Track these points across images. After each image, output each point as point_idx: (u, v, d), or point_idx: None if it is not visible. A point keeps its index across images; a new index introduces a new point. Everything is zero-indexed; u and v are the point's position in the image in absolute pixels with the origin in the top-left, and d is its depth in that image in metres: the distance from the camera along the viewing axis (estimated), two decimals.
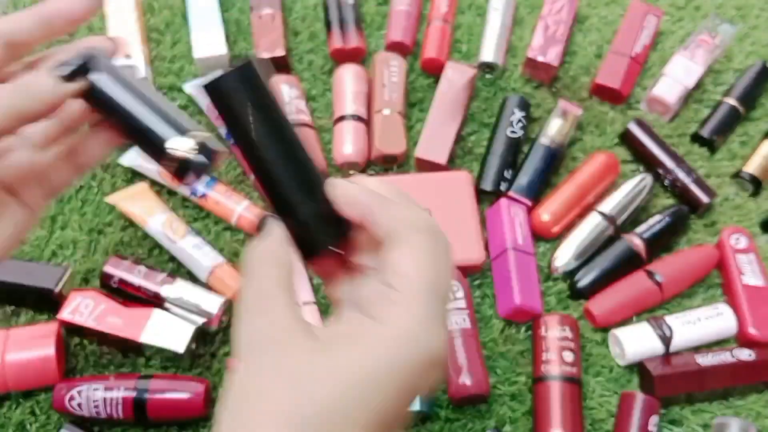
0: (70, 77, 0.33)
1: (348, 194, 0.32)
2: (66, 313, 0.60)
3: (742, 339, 0.64)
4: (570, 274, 0.67)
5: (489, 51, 0.77)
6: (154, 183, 0.70)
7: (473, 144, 0.74)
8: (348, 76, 0.74)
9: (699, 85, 0.78)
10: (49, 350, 0.58)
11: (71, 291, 0.62)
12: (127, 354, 0.62)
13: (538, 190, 0.70)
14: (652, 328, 0.62)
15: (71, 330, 0.62)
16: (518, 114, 0.73)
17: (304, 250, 0.33)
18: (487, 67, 0.78)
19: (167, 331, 0.60)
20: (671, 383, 0.60)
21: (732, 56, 0.81)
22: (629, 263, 0.66)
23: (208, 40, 0.76)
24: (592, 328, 0.65)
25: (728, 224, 0.70)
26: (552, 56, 0.76)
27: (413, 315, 0.29)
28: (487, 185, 0.70)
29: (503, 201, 0.68)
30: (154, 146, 0.33)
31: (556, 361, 0.60)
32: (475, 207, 0.68)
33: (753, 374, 0.61)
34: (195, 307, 0.61)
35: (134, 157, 0.69)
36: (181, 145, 0.32)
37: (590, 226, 0.67)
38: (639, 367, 0.62)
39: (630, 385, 0.62)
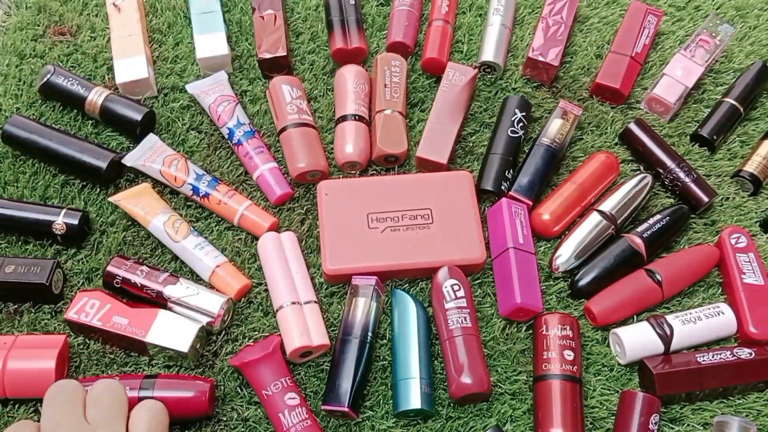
0: None
1: None
2: (72, 313, 0.61)
3: (742, 338, 0.64)
4: (570, 273, 0.67)
5: (489, 51, 0.78)
6: (156, 183, 0.71)
7: (474, 144, 0.75)
8: (349, 77, 0.74)
9: (699, 85, 0.78)
10: (49, 363, 0.57)
11: (78, 292, 0.63)
12: (130, 353, 0.62)
13: (538, 190, 0.70)
14: (653, 327, 0.63)
15: (76, 328, 0.62)
16: (519, 114, 0.73)
17: None
18: (487, 68, 0.78)
19: (172, 331, 0.60)
20: (671, 382, 0.60)
21: (732, 56, 0.81)
22: (629, 262, 0.66)
23: (210, 41, 0.76)
24: (592, 327, 0.65)
25: (728, 223, 0.71)
26: (552, 56, 0.76)
27: None
28: (488, 185, 0.70)
29: (504, 201, 0.68)
30: None
31: (557, 360, 0.60)
32: (476, 207, 0.68)
33: (753, 373, 0.61)
34: (197, 307, 0.62)
35: (136, 157, 0.70)
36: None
37: (590, 225, 0.68)
38: (639, 366, 0.63)
39: (630, 384, 0.62)
